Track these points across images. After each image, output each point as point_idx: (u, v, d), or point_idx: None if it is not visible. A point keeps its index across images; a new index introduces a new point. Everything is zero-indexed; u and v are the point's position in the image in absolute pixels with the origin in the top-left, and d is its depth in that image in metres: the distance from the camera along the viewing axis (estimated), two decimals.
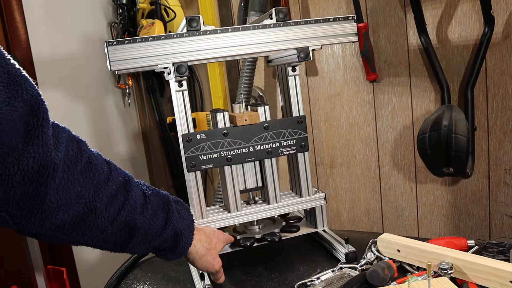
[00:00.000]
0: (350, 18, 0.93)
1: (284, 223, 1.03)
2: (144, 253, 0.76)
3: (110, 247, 0.68)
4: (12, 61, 0.51)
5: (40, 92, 0.52)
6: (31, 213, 0.53)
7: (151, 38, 0.82)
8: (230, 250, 0.95)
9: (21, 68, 0.52)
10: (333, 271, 0.85)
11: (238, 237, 0.97)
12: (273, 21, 0.89)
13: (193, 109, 1.93)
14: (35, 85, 0.52)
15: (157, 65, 0.84)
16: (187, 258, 0.80)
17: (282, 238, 0.97)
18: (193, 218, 0.80)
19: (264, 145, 0.94)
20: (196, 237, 0.79)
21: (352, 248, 0.90)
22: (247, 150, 0.93)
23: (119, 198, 0.62)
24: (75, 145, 0.57)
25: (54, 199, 0.53)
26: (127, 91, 2.14)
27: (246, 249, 0.94)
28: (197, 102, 1.94)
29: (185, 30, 0.85)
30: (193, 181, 0.92)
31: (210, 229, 0.86)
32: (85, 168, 0.57)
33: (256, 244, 0.94)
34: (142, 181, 0.73)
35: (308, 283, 0.83)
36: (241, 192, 0.97)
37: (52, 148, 0.52)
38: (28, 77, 0.52)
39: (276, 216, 1.05)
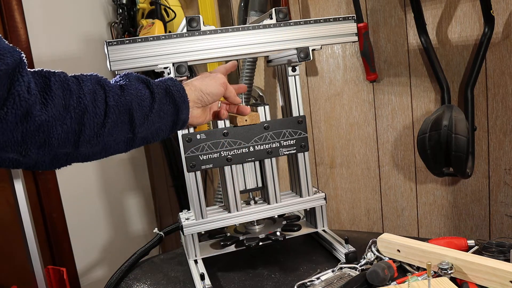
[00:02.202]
0: (350, 18, 0.93)
1: (284, 223, 1.04)
2: (158, 132, 0.77)
3: (122, 137, 0.70)
4: None
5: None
6: (37, 143, 0.58)
7: (151, 38, 0.82)
8: (234, 249, 0.95)
9: None
10: (333, 271, 0.85)
11: (242, 237, 0.97)
12: (273, 21, 0.89)
13: None
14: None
15: (157, 65, 0.84)
16: (200, 102, 0.81)
17: (286, 238, 0.97)
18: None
19: (264, 145, 0.94)
20: (185, 84, 0.79)
21: (352, 248, 0.90)
22: (247, 150, 0.93)
23: (99, 91, 0.66)
24: (37, 73, 0.61)
25: (46, 121, 0.58)
26: None
27: (247, 249, 0.94)
28: None
29: (185, 30, 0.85)
30: (193, 181, 0.92)
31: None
32: (58, 83, 0.62)
33: (261, 243, 0.94)
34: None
35: (308, 283, 0.83)
36: (241, 192, 0.97)
37: (32, 85, 0.57)
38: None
39: (276, 216, 1.05)
